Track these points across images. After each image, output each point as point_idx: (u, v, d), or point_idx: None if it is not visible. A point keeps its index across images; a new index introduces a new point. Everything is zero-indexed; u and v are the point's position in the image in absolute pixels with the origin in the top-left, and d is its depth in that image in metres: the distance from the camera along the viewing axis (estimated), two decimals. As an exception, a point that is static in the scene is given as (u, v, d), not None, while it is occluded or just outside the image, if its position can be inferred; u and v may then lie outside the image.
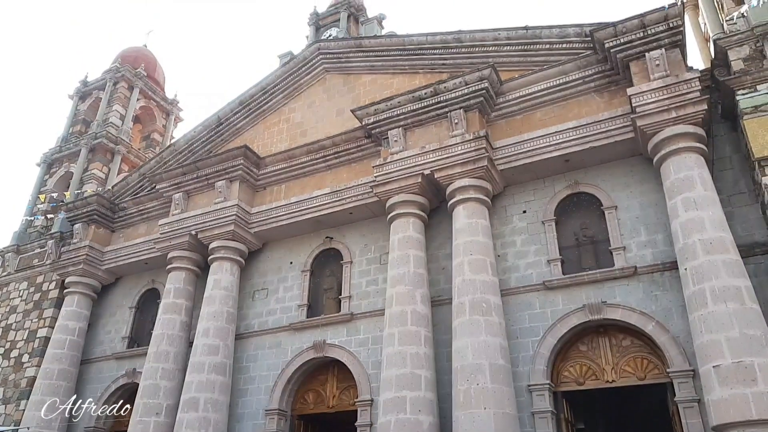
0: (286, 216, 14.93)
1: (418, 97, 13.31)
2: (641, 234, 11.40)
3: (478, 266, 11.58)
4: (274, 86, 17.22)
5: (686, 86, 10.89)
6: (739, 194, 10.91)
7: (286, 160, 15.35)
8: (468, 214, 12.23)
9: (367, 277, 13.88)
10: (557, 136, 12.17)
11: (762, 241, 10.30)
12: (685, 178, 10.44)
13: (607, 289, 11.18)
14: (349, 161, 14.63)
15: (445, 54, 14.64)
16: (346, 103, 15.67)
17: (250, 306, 15.21)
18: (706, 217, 9.96)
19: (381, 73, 15.77)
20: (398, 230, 12.82)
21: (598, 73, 12.23)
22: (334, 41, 16.93)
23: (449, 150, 12.69)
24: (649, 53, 11.34)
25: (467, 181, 12.39)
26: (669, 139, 10.83)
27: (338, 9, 18.49)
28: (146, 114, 23.93)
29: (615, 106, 11.92)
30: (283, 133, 16.71)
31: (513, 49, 13.62)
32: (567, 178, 12.54)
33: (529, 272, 12.06)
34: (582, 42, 12.61)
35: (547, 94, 12.63)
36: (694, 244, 9.84)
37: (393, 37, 15.88)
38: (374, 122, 13.76)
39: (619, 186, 11.99)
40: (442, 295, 12.50)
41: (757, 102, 10.42)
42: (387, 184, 13.16)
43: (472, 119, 12.88)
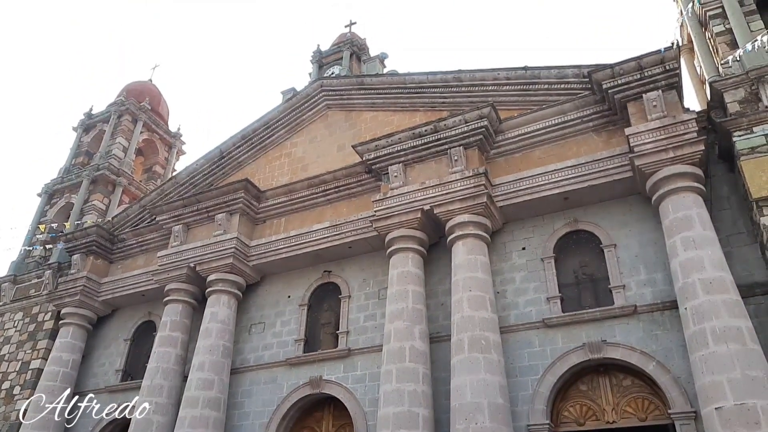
0: (286, 249, 14.92)
1: (419, 134, 13.48)
2: (641, 272, 11.38)
3: (477, 303, 11.52)
4: (277, 121, 17.44)
5: (683, 127, 11.04)
6: (738, 234, 10.94)
7: (286, 194, 15.43)
8: (467, 250, 12.23)
9: (366, 312, 13.79)
10: (556, 174, 12.27)
11: (762, 281, 10.28)
12: (684, 218, 10.49)
13: (607, 327, 11.10)
14: (349, 196, 14.71)
15: (445, 92, 14.89)
16: (347, 138, 15.86)
17: (246, 340, 15.05)
18: (705, 257, 9.96)
19: (382, 110, 16.01)
20: (397, 265, 12.79)
21: (596, 113, 12.41)
22: (337, 79, 17.24)
23: (449, 186, 12.78)
24: (647, 94, 11.53)
25: (467, 217, 12.44)
26: (667, 179, 10.92)
27: (341, 48, 18.88)
28: (149, 146, 24.17)
29: (613, 146, 12.06)
30: (285, 167, 16.85)
31: (512, 89, 13.86)
32: (566, 216, 12.58)
33: (529, 309, 11.98)
34: (580, 83, 12.84)
35: (546, 133, 12.79)
36: (693, 284, 9.81)
37: (394, 76, 16.18)
38: (375, 158, 13.89)
39: (618, 224, 12.02)
40: (441, 332, 12.39)
41: (754, 143, 10.56)
42: (387, 218, 13.20)
43: (471, 156, 13.02)
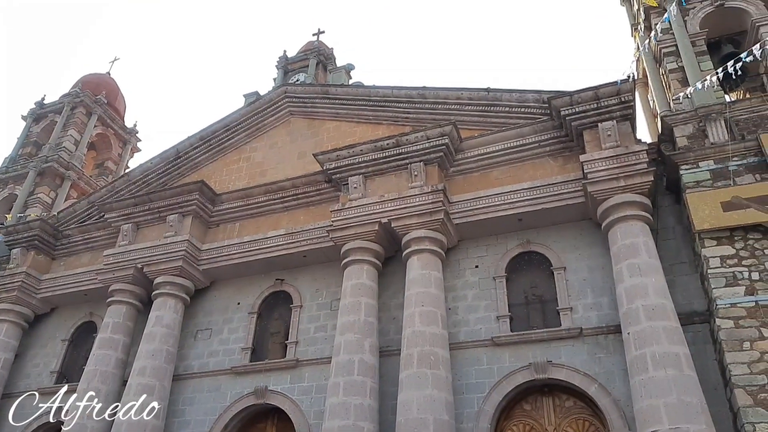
0: (238, 255, 14.66)
1: (381, 147, 13.53)
2: (588, 296, 11.67)
3: (428, 318, 11.57)
4: (238, 124, 17.20)
5: (635, 157, 11.45)
6: (681, 264, 11.36)
7: (242, 199, 15.20)
8: (422, 265, 12.29)
9: (316, 323, 13.65)
10: (512, 196, 12.50)
11: (700, 311, 10.69)
12: (631, 245, 10.84)
13: (553, 348, 11.31)
14: (307, 204, 14.60)
15: (408, 108, 15.01)
16: (308, 146, 15.76)
17: (191, 346, 14.65)
18: (649, 284, 10.31)
19: (345, 120, 16.00)
20: (352, 277, 12.74)
21: (553, 139, 12.74)
22: (302, 86, 17.16)
23: (407, 201, 12.85)
24: (602, 123, 11.93)
25: (423, 232, 12.52)
26: (617, 207, 11.28)
27: (308, 56, 18.83)
28: (102, 141, 23.40)
29: (568, 171, 12.39)
30: (242, 172, 16.60)
31: (474, 109, 14.09)
32: (519, 237, 12.82)
33: (479, 327, 12.11)
34: (540, 108, 13.17)
35: (504, 155, 13.03)
36: (637, 310, 10.13)
37: (359, 88, 16.22)
38: (335, 167, 13.86)
39: (569, 248, 12.32)
40: (391, 346, 12.37)
41: (699, 177, 11.03)
42: (344, 229, 13.15)
43: (431, 172, 13.14)
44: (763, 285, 9.74)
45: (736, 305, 9.71)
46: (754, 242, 10.14)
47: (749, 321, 9.53)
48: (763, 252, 10.02)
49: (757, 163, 10.74)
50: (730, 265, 10.08)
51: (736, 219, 10.27)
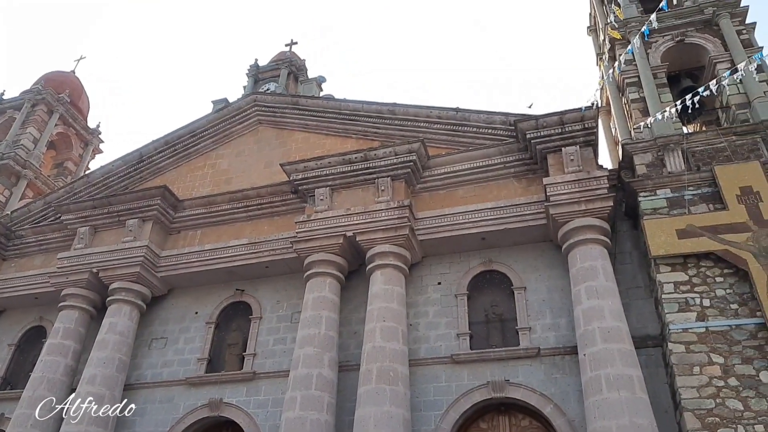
0: (198, 263, 14.39)
1: (349, 160, 13.54)
2: (546, 317, 11.84)
3: (389, 334, 11.55)
4: (205, 130, 16.97)
5: (596, 183, 11.76)
6: (636, 288, 11.66)
7: (205, 206, 14.96)
8: (385, 280, 12.30)
9: (276, 335, 13.46)
10: (476, 215, 12.65)
11: (654, 334, 10.97)
12: (590, 268, 11.08)
13: (511, 368, 11.42)
14: (271, 214, 14.46)
15: (378, 123, 15.09)
16: (276, 156, 15.65)
17: (145, 355, 14.26)
18: (606, 307, 10.53)
19: (314, 132, 15.96)
20: (314, 289, 12.64)
21: (518, 161, 12.98)
22: (272, 95, 17.08)
23: (373, 215, 12.87)
24: (566, 148, 12.23)
25: (388, 247, 12.54)
26: (577, 230, 11.53)
27: (279, 65, 18.78)
28: (63, 141, 22.74)
29: (531, 193, 12.62)
30: (207, 179, 16.35)
31: (442, 128, 14.26)
32: (482, 256, 12.95)
33: (439, 344, 12.14)
34: (506, 130, 13.41)
35: (470, 174, 13.21)
36: (593, 332, 10.33)
37: (330, 100, 16.23)
38: (302, 178, 13.80)
39: (530, 268, 12.51)
40: (351, 361, 12.29)
41: (656, 205, 11.38)
42: (308, 241, 13.07)
43: (398, 188, 13.21)
44: (713, 311, 10.07)
45: (688, 330, 10.00)
46: (706, 270, 10.49)
47: (699, 346, 9.82)
48: (714, 279, 10.37)
49: (711, 194, 11.15)
50: (683, 291, 10.39)
51: (689, 246, 10.62)
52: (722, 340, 9.78)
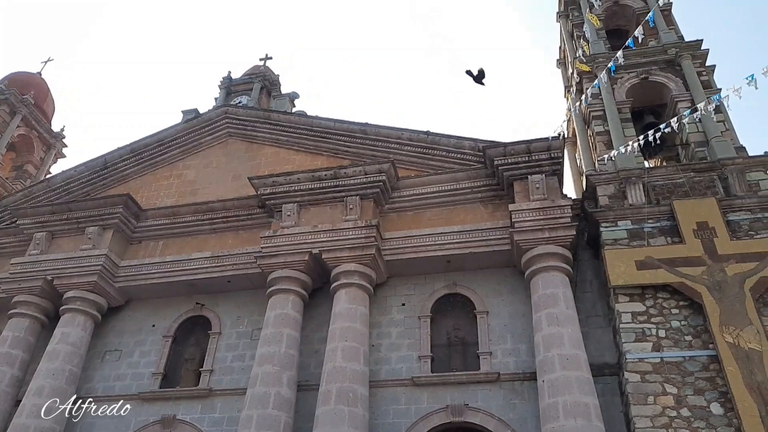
0: (158, 274, 14.08)
1: (318, 177, 13.52)
2: (507, 342, 11.93)
3: (351, 354, 11.45)
4: (173, 140, 16.73)
5: (560, 211, 12.00)
6: (595, 317, 11.86)
7: (169, 216, 14.69)
8: (349, 299, 12.23)
9: (235, 352, 13.21)
10: (442, 237, 12.74)
11: (611, 363, 11.14)
12: (551, 295, 11.24)
13: (471, 392, 11.43)
14: (236, 228, 14.28)
15: (349, 142, 15.13)
16: (244, 170, 15.50)
17: (98, 367, 13.80)
18: (565, 334, 10.68)
19: (285, 147, 15.90)
20: (276, 306, 12.48)
21: (486, 186, 13.17)
22: (244, 108, 16.98)
23: (341, 233, 12.83)
24: (532, 176, 12.47)
25: (353, 266, 12.49)
26: (540, 257, 11.71)
27: (252, 79, 18.72)
28: (24, 143, 22.08)
29: (497, 218, 12.79)
30: (172, 189, 16.07)
31: (413, 150, 14.38)
32: (446, 278, 13.02)
33: (400, 366, 12.09)
34: (475, 155, 13.61)
35: (438, 197, 13.33)
36: (553, 358, 10.44)
37: (302, 117, 16.22)
38: (270, 193, 13.69)
39: (493, 293, 12.62)
40: (311, 380, 12.11)
41: (617, 236, 11.66)
42: (273, 257, 12.93)
43: (366, 207, 13.22)
44: (668, 342, 10.30)
45: (644, 360, 10.20)
46: (663, 301, 10.76)
47: (654, 376, 10.02)
48: (670, 311, 10.64)
49: (669, 227, 11.49)
50: (640, 321, 10.62)
51: (647, 278, 10.89)
52: (676, 370, 10.00)
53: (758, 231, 11.09)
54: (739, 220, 11.29)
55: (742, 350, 9.69)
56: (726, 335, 9.89)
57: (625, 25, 16.66)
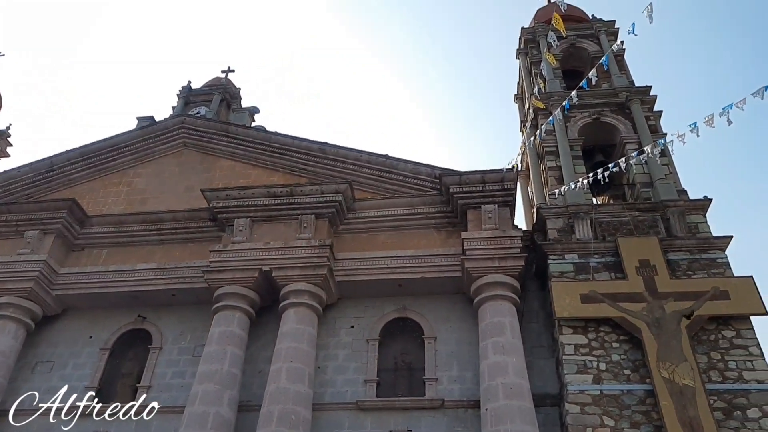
0: (100, 284, 13.56)
1: (274, 194, 13.40)
2: (454, 368, 11.98)
3: (295, 375, 11.26)
4: (126, 146, 16.29)
5: (510, 241, 12.26)
6: (540, 347, 12.07)
7: (116, 225, 14.23)
8: (298, 319, 12.07)
9: (175, 368, 12.78)
10: (395, 261, 12.79)
11: (553, 394, 11.33)
12: (498, 324, 11.40)
13: (415, 418, 11.39)
14: (185, 240, 13.95)
15: (307, 160, 15.08)
16: (198, 181, 15.21)
17: (27, 379, 13.08)
18: (510, 363, 10.82)
19: (241, 161, 15.72)
20: (221, 323, 12.19)
21: (440, 213, 13.34)
22: (202, 119, 16.74)
23: (293, 251, 12.71)
24: (485, 206, 12.73)
25: (304, 285, 12.36)
26: (489, 285, 11.89)
27: (213, 90, 18.50)
28: (-36, 138, 21.04)
29: (449, 245, 12.94)
30: (121, 196, 15.59)
31: (371, 172, 14.45)
32: (397, 302, 13.02)
33: (345, 389, 11.95)
34: (431, 182, 13.79)
35: (393, 221, 13.40)
36: (497, 387, 10.55)
37: (261, 132, 16.10)
38: (223, 207, 13.47)
39: (442, 319, 12.69)
40: (252, 401, 11.81)
41: (564, 269, 11.97)
42: (221, 272, 12.66)
43: (321, 227, 13.16)
44: (608, 375, 10.57)
45: (584, 392, 10.42)
46: (605, 335, 11.06)
47: (593, 408, 10.24)
48: (611, 344, 10.94)
49: (613, 263, 11.88)
50: (582, 354, 10.87)
51: (591, 311, 11.19)
52: (614, 403, 10.25)
53: (695, 271, 11.61)
54: (679, 259, 11.79)
55: (677, 386, 10.03)
56: (662, 371, 10.22)
57: (580, 66, 17.34)
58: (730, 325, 10.82)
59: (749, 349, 10.51)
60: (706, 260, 11.73)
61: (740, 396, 10.03)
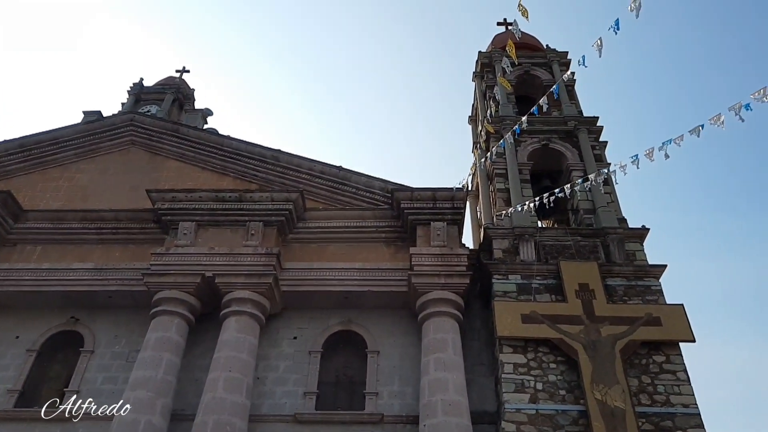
0: (30, 282, 12.92)
1: (222, 198, 13.16)
2: (395, 383, 11.98)
3: (233, 385, 11.00)
4: (69, 140, 15.70)
5: (457, 259, 12.43)
6: (480, 365, 12.23)
7: (53, 221, 13.63)
8: (239, 328, 11.82)
9: (107, 373, 12.27)
10: (343, 273, 12.74)
11: (491, 411, 11.47)
12: (441, 340, 11.50)
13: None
14: (126, 241, 13.49)
15: (259, 166, 14.91)
16: (144, 181, 14.77)
17: (-58, 380, 12.27)
18: (450, 380, 10.92)
19: (191, 164, 15.39)
20: (158, 328, 11.80)
21: (390, 227, 13.41)
22: (152, 118, 16.33)
23: (238, 258, 12.48)
24: (434, 223, 12.89)
25: (247, 293, 12.14)
26: (434, 302, 12.01)
27: (165, 89, 18.12)
28: None
29: (398, 260, 13.01)
30: (61, 192, 14.98)
31: (323, 183, 14.42)
32: (342, 315, 12.95)
33: (284, 401, 11.76)
34: (383, 196, 13.87)
35: (343, 233, 13.38)
36: (436, 403, 10.61)
37: (213, 134, 15.84)
38: (168, 208, 13.12)
39: (386, 333, 12.70)
40: (186, 410, 11.44)
41: (507, 288, 12.22)
42: (162, 276, 12.30)
43: (269, 235, 12.99)
44: (544, 395, 10.80)
45: (521, 411, 10.59)
46: (543, 355, 11.31)
47: (529, 427, 10.42)
48: (548, 365, 11.19)
49: (555, 285, 12.21)
50: (521, 373, 11.07)
51: (531, 331, 11.43)
52: (549, 423, 10.47)
53: (631, 297, 12.06)
54: (616, 285, 12.23)
55: (609, 407, 10.33)
56: (596, 392, 10.52)
57: (533, 93, 17.87)
58: (661, 350, 11.26)
59: (677, 374, 10.97)
60: (641, 287, 12.21)
61: (667, 419, 10.43)
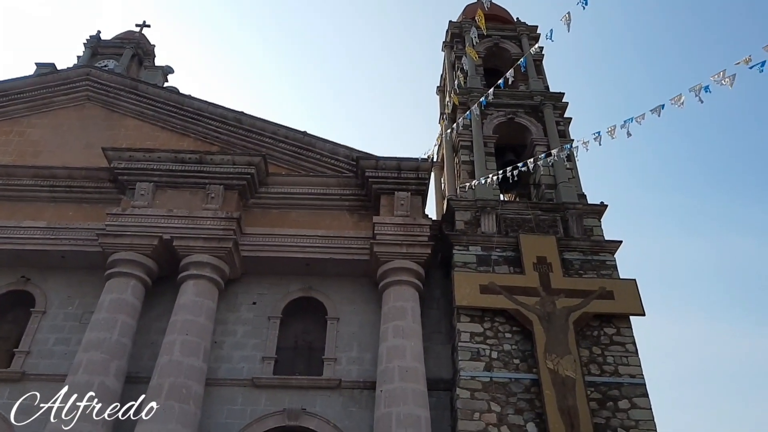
0: (-22, 240, 12.41)
1: (182, 159, 12.82)
2: (353, 350, 12.09)
3: (190, 348, 10.91)
4: (20, 93, 14.97)
5: (419, 229, 12.49)
6: (438, 333, 12.43)
7: (2, 177, 13.11)
8: (197, 291, 11.68)
9: (59, 334, 11.99)
10: (304, 240, 12.66)
11: (446, 379, 11.72)
12: (400, 308, 11.62)
13: (311, 397, 11.40)
14: (80, 200, 13.06)
15: (221, 128, 14.55)
16: (100, 139, 14.24)
17: None
18: (408, 347, 11.07)
19: (150, 123, 14.90)
20: (113, 290, 11.55)
21: (354, 195, 13.35)
22: (110, 73, 15.68)
23: (198, 222, 12.25)
24: (398, 193, 12.89)
25: (206, 257, 11.96)
26: (395, 270, 12.08)
27: (124, 44, 17.41)
28: None
29: (361, 228, 12.99)
30: (11, 146, 14.34)
31: (287, 148, 14.18)
32: (303, 281, 12.92)
33: (241, 366, 11.74)
34: (348, 164, 13.74)
35: (307, 199, 13.25)
36: (393, 369, 10.77)
37: (174, 93, 15.34)
38: (125, 168, 12.73)
39: (346, 300, 12.75)
40: (141, 372, 11.32)
41: (467, 259, 12.37)
42: (118, 237, 11.99)
43: (229, 198, 12.76)
44: (498, 364, 11.08)
45: (475, 378, 10.87)
46: (499, 325, 11.57)
47: (482, 394, 10.71)
48: (504, 335, 11.46)
49: (513, 258, 12.43)
50: (477, 342, 11.32)
51: (488, 302, 11.66)
52: (502, 390, 10.78)
53: (587, 271, 12.38)
54: (573, 259, 12.52)
55: (560, 376, 10.69)
56: (548, 362, 10.86)
57: (502, 66, 17.80)
58: (612, 323, 11.66)
59: (626, 346, 11.40)
60: (597, 261, 12.54)
61: (614, 388, 10.87)
